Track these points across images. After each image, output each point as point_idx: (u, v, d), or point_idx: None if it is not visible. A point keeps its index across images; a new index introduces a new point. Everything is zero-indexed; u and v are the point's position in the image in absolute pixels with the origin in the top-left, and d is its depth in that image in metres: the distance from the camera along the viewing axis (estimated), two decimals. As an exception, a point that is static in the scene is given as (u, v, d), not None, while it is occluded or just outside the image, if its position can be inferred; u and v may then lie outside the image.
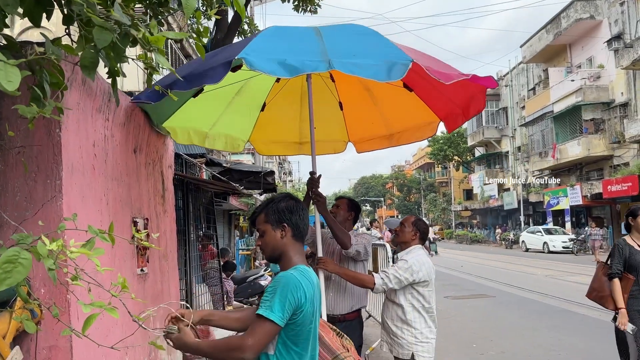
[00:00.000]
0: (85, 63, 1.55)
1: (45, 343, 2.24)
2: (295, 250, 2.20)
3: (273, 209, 2.22)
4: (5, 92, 1.20)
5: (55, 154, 2.31)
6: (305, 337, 2.07)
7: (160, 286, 3.69)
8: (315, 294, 2.10)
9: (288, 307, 1.96)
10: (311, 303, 2.05)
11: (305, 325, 2.05)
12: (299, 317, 2.00)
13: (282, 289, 1.98)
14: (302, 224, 2.23)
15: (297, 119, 4.83)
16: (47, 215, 2.28)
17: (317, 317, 2.14)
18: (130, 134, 3.24)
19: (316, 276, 2.22)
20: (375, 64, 2.80)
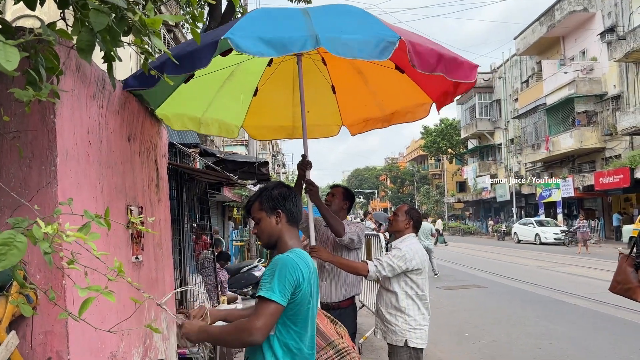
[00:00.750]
0: (82, 46, 1.54)
1: (41, 328, 2.25)
2: (290, 235, 2.26)
3: (267, 197, 2.28)
4: (5, 72, 1.20)
5: (50, 140, 2.30)
6: (304, 317, 2.11)
7: (155, 274, 3.70)
8: (312, 275, 2.15)
9: (288, 286, 2.01)
10: (308, 283, 2.09)
11: (304, 304, 2.09)
12: (297, 296, 2.05)
13: (280, 270, 2.03)
14: (296, 209, 2.28)
15: (290, 103, 4.82)
16: (42, 201, 2.28)
17: (315, 298, 2.18)
18: (125, 121, 3.23)
19: (312, 259, 2.26)
20: (364, 41, 2.78)
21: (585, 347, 7.02)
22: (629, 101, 26.57)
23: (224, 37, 2.63)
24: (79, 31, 1.52)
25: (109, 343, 2.72)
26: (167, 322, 3.95)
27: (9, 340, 1.95)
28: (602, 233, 28.77)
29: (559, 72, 30.66)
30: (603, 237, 28.46)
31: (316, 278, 2.23)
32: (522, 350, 6.92)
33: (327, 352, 3.18)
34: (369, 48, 2.74)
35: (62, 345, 2.26)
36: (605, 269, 15.86)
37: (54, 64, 1.72)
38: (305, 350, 2.14)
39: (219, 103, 4.45)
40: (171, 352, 4.01)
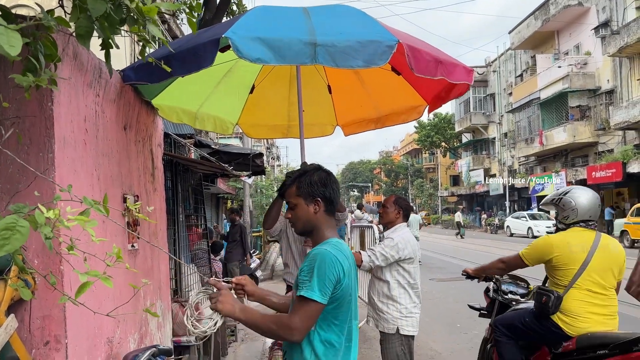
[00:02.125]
0: (81, 32, 1.57)
1: (39, 312, 2.29)
2: (327, 225, 2.16)
3: (306, 182, 2.16)
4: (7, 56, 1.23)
5: (47, 127, 2.33)
6: (346, 310, 2.05)
7: (150, 263, 3.73)
8: (352, 267, 2.08)
9: (328, 284, 1.94)
10: (349, 276, 2.02)
11: (345, 298, 2.02)
12: (338, 291, 1.98)
13: (319, 267, 1.95)
14: (335, 197, 2.18)
15: (286, 102, 4.85)
16: (40, 187, 2.31)
17: (355, 289, 2.10)
18: (121, 110, 3.25)
19: (349, 248, 2.17)
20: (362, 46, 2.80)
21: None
22: (622, 96, 26.71)
23: (225, 35, 2.66)
24: (77, 18, 1.55)
25: (106, 329, 2.76)
26: (162, 310, 3.99)
27: (8, 324, 1.98)
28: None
29: (553, 66, 30.75)
30: (595, 230, 28.65)
31: (355, 266, 2.15)
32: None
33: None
34: (366, 53, 2.77)
35: (60, 330, 2.30)
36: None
37: (53, 51, 1.75)
38: (344, 342, 2.08)
39: (215, 99, 4.47)
40: (166, 339, 4.05)
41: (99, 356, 2.66)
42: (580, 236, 3.65)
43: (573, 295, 3.55)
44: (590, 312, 3.51)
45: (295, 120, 4.77)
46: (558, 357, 3.63)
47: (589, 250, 3.56)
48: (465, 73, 3.31)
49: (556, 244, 3.66)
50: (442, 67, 3.09)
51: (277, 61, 2.72)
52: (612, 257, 3.60)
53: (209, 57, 2.76)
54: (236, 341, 7.47)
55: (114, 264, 1.91)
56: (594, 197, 3.76)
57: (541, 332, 3.68)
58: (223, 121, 4.70)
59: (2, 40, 1.18)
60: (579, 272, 3.54)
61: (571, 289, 3.56)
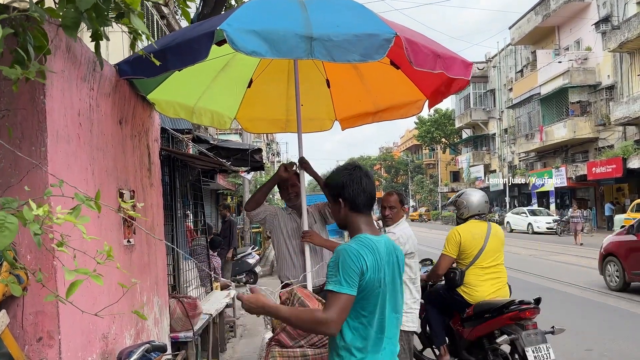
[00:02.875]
0: (67, 23, 1.54)
1: (32, 308, 2.26)
2: (357, 221, 2.24)
3: (330, 184, 2.30)
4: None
5: (39, 121, 2.30)
6: (374, 302, 2.12)
7: (147, 258, 3.71)
8: (379, 260, 2.12)
9: (353, 275, 2.04)
10: (374, 270, 2.08)
11: (372, 290, 2.09)
12: (363, 283, 2.06)
13: (342, 261, 2.06)
14: (361, 195, 2.23)
15: (284, 96, 4.81)
16: (32, 182, 2.28)
17: (386, 282, 2.14)
18: (116, 105, 3.22)
19: (385, 242, 2.22)
20: (359, 39, 2.76)
21: (574, 333, 7.10)
22: (623, 91, 26.65)
23: (219, 27, 2.62)
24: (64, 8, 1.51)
25: (101, 325, 2.74)
26: (160, 306, 3.97)
27: (-1, 319, 1.96)
28: (594, 222, 28.96)
29: (554, 61, 30.67)
30: (595, 226, 28.65)
31: (391, 259, 2.20)
32: (512, 336, 6.99)
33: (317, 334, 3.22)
34: (364, 47, 2.72)
35: (53, 326, 2.27)
36: (596, 257, 15.99)
37: (42, 43, 1.71)
38: (374, 334, 2.14)
39: (213, 93, 4.43)
40: (164, 335, 4.03)
41: (93, 352, 2.64)
42: (477, 226, 4.71)
43: (472, 272, 4.58)
44: (483, 283, 4.54)
45: (294, 115, 4.72)
46: (464, 321, 4.68)
47: (484, 236, 4.61)
48: (464, 67, 3.27)
49: (463, 233, 4.63)
50: (441, 61, 3.05)
51: (272, 54, 2.68)
52: (500, 240, 4.71)
53: (204, 50, 2.73)
54: (235, 337, 7.46)
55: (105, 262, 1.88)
56: (482, 196, 4.88)
57: (451, 301, 4.73)
58: (221, 115, 4.66)
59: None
60: (478, 254, 4.57)
61: (471, 267, 4.59)
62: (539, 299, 4.34)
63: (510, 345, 4.23)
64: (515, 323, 4.18)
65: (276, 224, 4.11)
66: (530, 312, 4.18)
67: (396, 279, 2.23)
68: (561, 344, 6.56)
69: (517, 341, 4.04)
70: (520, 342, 4.01)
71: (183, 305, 4.51)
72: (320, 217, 4.13)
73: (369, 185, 2.26)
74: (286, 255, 4.06)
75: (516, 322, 4.18)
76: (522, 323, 4.19)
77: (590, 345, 6.52)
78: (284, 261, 4.10)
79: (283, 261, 4.10)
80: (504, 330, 4.25)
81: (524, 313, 4.16)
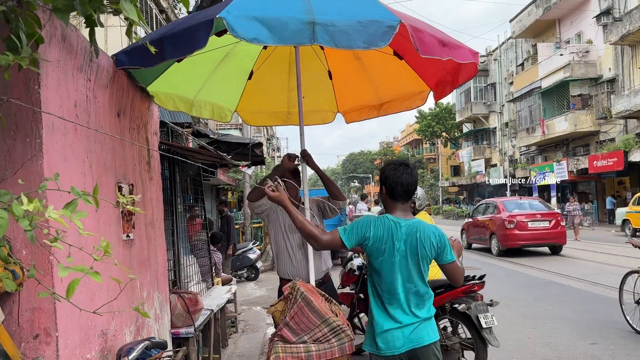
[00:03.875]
0: (59, 6, 1.47)
1: (28, 305, 2.19)
2: (389, 205, 2.86)
3: (380, 174, 2.91)
4: None
5: (34, 112, 2.23)
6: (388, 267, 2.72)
7: (147, 253, 3.64)
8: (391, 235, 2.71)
9: (354, 234, 2.74)
10: (378, 239, 2.71)
11: (378, 255, 2.74)
12: (368, 244, 2.73)
13: (355, 223, 2.80)
14: (397, 187, 2.80)
15: (286, 88, 4.73)
16: (28, 175, 2.21)
17: (394, 254, 2.71)
18: (114, 96, 3.14)
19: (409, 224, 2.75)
20: (362, 25, 2.69)
21: (578, 327, 7.06)
22: (624, 84, 26.53)
23: (219, 15, 2.54)
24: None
25: (100, 321, 2.67)
26: (160, 301, 3.90)
27: (-6, 316, 1.89)
28: (596, 216, 28.91)
29: (555, 55, 30.53)
30: (596, 220, 28.60)
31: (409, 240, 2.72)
32: (516, 331, 6.94)
33: (321, 329, 3.17)
34: (367, 33, 2.65)
35: (50, 322, 2.21)
36: (598, 250, 15.97)
37: (34, 30, 1.64)
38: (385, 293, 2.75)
39: (213, 85, 4.35)
40: (164, 331, 3.97)
41: (92, 349, 2.58)
42: (426, 217, 5.46)
43: None
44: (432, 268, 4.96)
45: (296, 107, 4.64)
46: None
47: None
48: (471, 54, 3.20)
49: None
50: (447, 49, 2.98)
51: (274, 41, 2.60)
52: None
53: (203, 39, 2.65)
54: (237, 332, 7.41)
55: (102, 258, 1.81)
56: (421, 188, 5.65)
57: None
58: (221, 108, 4.58)
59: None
60: None
61: None
62: (483, 276, 5.17)
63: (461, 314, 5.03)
64: (466, 295, 4.96)
65: (275, 218, 4.05)
66: (479, 286, 5.00)
67: (414, 255, 2.72)
68: (566, 338, 6.52)
69: (469, 310, 4.83)
70: (474, 311, 4.81)
71: (184, 301, 4.45)
72: (318, 211, 4.10)
73: (406, 180, 2.80)
74: (284, 250, 4.00)
75: (467, 295, 4.96)
76: (472, 295, 4.96)
77: (595, 339, 6.46)
78: (282, 256, 4.04)
79: (282, 256, 4.05)
80: (457, 301, 5.00)
81: (475, 287, 4.97)
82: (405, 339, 2.69)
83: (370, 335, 2.80)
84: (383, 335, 2.71)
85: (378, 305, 2.77)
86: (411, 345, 2.69)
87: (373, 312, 2.79)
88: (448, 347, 4.90)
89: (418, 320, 2.72)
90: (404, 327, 2.70)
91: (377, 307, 2.77)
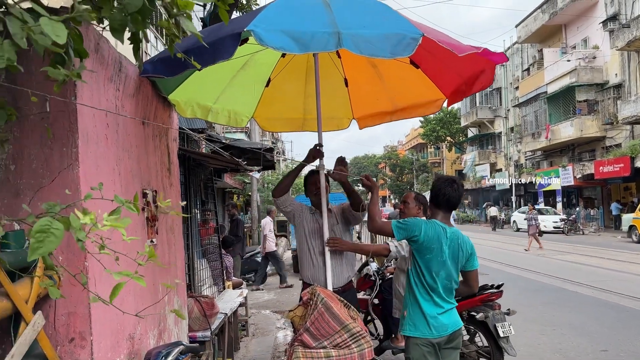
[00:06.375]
0: (115, 26, 1.53)
1: (64, 309, 2.26)
2: (435, 213, 3.31)
3: (432, 186, 3.39)
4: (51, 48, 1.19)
5: (71, 122, 2.30)
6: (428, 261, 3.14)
7: (167, 258, 3.70)
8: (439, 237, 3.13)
9: (404, 229, 3.15)
10: (427, 239, 3.11)
11: (425, 252, 3.13)
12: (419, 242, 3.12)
13: (407, 222, 3.21)
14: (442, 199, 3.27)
15: (302, 95, 4.81)
16: (64, 183, 2.28)
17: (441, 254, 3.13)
18: (139, 105, 3.22)
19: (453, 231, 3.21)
20: (386, 37, 2.79)
21: (587, 333, 7.08)
22: (630, 90, 26.51)
23: (247, 29, 2.62)
24: (110, 11, 1.51)
25: (128, 325, 2.74)
26: (179, 305, 3.96)
27: (35, 321, 1.96)
28: (601, 222, 28.86)
29: (561, 60, 30.53)
30: (602, 225, 28.55)
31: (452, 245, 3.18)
32: (526, 337, 6.97)
33: (341, 335, 3.22)
34: (391, 45, 2.76)
35: (85, 326, 2.27)
36: (605, 257, 15.97)
37: (81, 46, 1.70)
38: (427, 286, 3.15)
39: (231, 92, 4.43)
40: (183, 335, 4.03)
41: (121, 353, 2.64)
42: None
43: None
44: None
45: (311, 114, 4.72)
46: None
47: None
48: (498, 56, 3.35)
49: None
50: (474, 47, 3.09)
51: (300, 50, 2.68)
52: None
53: (230, 50, 2.73)
54: (247, 336, 7.46)
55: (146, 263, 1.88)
56: None
57: None
58: (238, 114, 4.66)
59: (47, 30, 1.14)
60: None
61: None
62: (501, 285, 5.15)
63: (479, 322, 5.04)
64: (484, 304, 4.97)
65: (300, 222, 4.12)
66: (497, 295, 5.03)
67: (454, 258, 3.18)
68: (576, 345, 6.55)
69: (487, 319, 4.84)
70: (491, 320, 4.83)
71: (201, 305, 4.51)
72: (343, 219, 4.12)
73: (452, 195, 3.27)
74: (306, 254, 4.07)
75: (485, 304, 4.97)
76: (490, 304, 4.98)
77: (605, 345, 6.49)
78: (303, 259, 4.11)
79: (303, 259, 4.12)
80: (475, 310, 5.01)
81: (493, 296, 5.00)
82: (449, 322, 3.17)
83: (419, 321, 3.14)
84: (435, 320, 3.12)
85: (423, 295, 3.16)
86: (453, 327, 3.18)
87: (419, 301, 3.15)
88: (465, 355, 4.92)
89: (452, 306, 3.23)
90: (446, 312, 3.17)
91: (423, 296, 3.16)
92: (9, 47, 1.20)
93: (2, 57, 1.20)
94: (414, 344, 3.14)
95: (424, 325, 3.13)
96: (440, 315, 3.14)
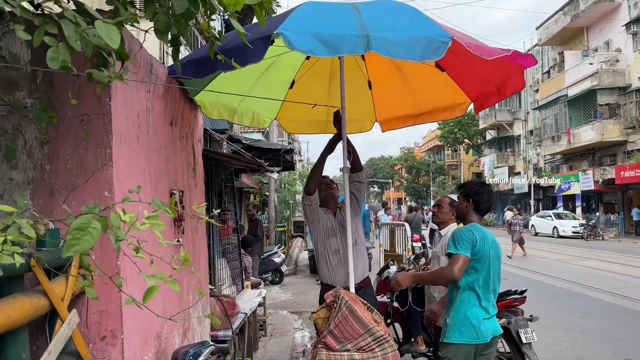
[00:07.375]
0: (159, 27, 1.55)
1: (96, 308, 2.30)
2: (474, 217, 3.37)
3: (468, 187, 3.44)
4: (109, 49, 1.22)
5: (105, 123, 2.33)
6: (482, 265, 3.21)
7: (192, 257, 3.73)
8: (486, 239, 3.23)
9: (466, 242, 3.14)
10: (482, 242, 3.18)
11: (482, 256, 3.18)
12: (475, 250, 3.15)
13: (456, 237, 3.20)
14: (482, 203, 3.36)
15: (325, 97, 4.81)
16: (98, 183, 2.32)
17: (491, 255, 3.23)
18: (168, 106, 3.25)
19: (489, 232, 3.33)
20: (415, 41, 2.79)
21: (610, 341, 6.98)
22: (654, 94, 26.07)
23: (277, 31, 2.64)
24: (153, 13, 1.53)
25: (155, 324, 2.77)
26: (202, 305, 4.00)
27: (70, 319, 1.99)
28: (622, 227, 28.41)
29: (582, 63, 30.13)
30: (622, 231, 28.11)
31: (494, 246, 3.30)
32: (547, 343, 6.89)
33: (365, 338, 3.22)
34: (420, 48, 2.76)
35: (116, 325, 2.31)
36: (626, 263, 15.73)
37: (122, 49, 1.73)
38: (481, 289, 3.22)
39: (256, 94, 4.45)
40: (205, 334, 4.06)
41: (149, 351, 2.67)
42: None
43: None
44: None
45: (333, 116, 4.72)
46: None
47: None
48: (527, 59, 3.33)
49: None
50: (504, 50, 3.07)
51: (329, 53, 2.70)
52: None
53: (260, 53, 2.75)
54: (265, 336, 7.49)
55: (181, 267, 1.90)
56: None
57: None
58: (262, 116, 4.70)
59: (102, 33, 1.17)
60: None
61: None
62: (524, 290, 5.09)
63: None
64: (507, 310, 4.89)
65: (317, 220, 4.11)
66: (520, 301, 4.97)
67: (497, 258, 3.31)
68: (598, 352, 6.46)
69: (510, 325, 4.76)
70: (514, 325, 4.76)
71: (222, 304, 4.54)
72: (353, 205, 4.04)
73: (489, 198, 3.39)
74: (322, 254, 4.08)
75: (507, 309, 4.90)
76: (512, 310, 4.91)
77: (628, 353, 6.39)
78: (320, 260, 4.13)
79: (320, 260, 4.14)
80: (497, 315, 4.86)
81: (516, 302, 4.93)
82: (492, 327, 3.27)
83: (464, 327, 3.19)
84: (483, 324, 3.19)
85: (473, 301, 3.22)
86: (494, 333, 3.28)
87: (469, 306, 3.21)
88: None
89: (495, 312, 3.34)
90: (491, 318, 3.28)
91: (473, 302, 3.22)
92: (63, 49, 1.23)
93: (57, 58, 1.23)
94: (457, 349, 3.18)
95: (471, 330, 3.18)
96: (485, 320, 3.21)
